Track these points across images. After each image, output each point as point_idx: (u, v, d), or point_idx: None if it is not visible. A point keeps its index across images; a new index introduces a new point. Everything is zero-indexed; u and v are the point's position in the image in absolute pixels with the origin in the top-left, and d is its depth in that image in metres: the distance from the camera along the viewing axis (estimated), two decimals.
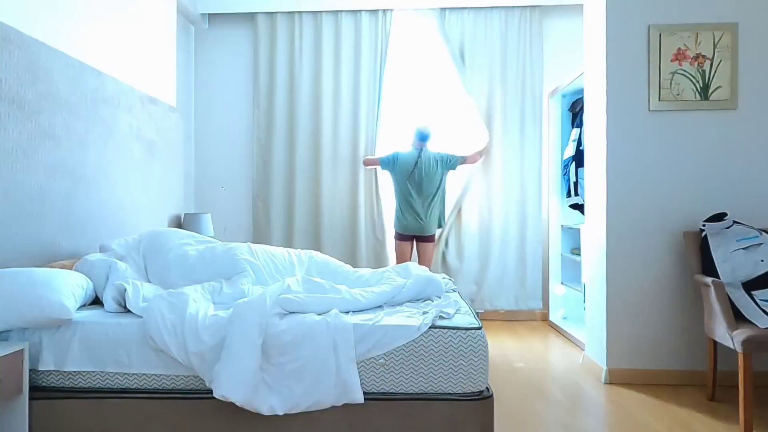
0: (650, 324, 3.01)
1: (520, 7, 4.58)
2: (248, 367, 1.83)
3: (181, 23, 4.55)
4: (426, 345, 1.92)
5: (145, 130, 3.45)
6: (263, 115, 4.69)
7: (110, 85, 3.05)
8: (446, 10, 4.62)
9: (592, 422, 2.44)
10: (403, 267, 2.76)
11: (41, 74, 2.47)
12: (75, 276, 2.16)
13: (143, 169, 3.44)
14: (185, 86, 4.68)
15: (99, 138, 2.95)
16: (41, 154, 2.48)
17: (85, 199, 2.82)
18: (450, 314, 2.07)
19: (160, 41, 3.81)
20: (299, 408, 1.86)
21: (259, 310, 1.93)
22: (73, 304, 1.99)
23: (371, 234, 4.66)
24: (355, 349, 1.90)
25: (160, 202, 3.68)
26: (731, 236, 2.71)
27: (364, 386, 1.91)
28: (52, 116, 2.56)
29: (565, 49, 4.69)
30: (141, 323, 1.98)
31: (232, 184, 4.84)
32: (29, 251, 2.40)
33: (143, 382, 1.97)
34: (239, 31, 4.84)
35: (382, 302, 2.26)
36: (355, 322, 1.96)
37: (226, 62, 4.86)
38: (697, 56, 2.98)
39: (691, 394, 2.82)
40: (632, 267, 3.02)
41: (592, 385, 2.97)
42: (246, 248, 2.56)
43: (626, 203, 3.02)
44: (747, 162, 2.98)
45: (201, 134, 4.87)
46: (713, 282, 2.53)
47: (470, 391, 1.92)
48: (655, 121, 3.02)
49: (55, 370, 1.96)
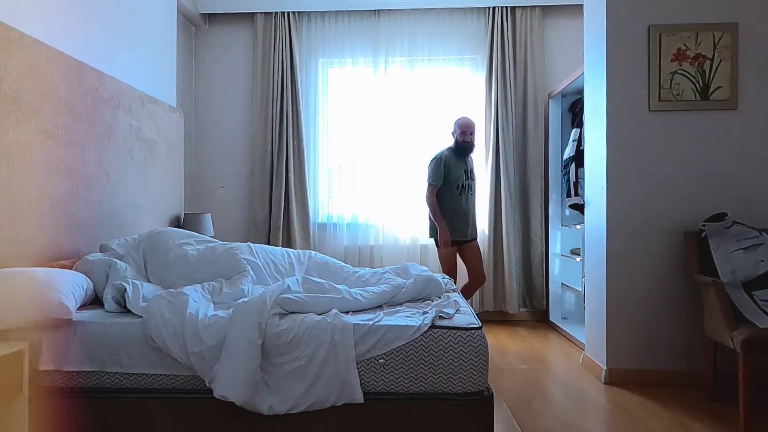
0: (650, 324, 3.01)
1: (521, 7, 4.59)
2: (248, 367, 1.83)
3: (181, 23, 4.55)
4: (426, 345, 1.92)
5: (145, 130, 3.45)
6: (263, 115, 4.69)
7: (110, 85, 3.05)
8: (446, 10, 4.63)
9: (592, 422, 2.44)
10: (402, 267, 2.76)
11: (41, 74, 2.47)
12: (75, 276, 2.16)
13: (143, 169, 3.44)
14: (185, 86, 4.68)
15: (99, 138, 2.95)
16: (41, 154, 2.48)
17: (85, 199, 2.82)
18: (450, 314, 2.07)
19: (160, 41, 3.81)
20: (299, 408, 1.86)
21: (259, 310, 1.93)
22: (73, 304, 1.99)
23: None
24: (355, 349, 1.90)
25: (160, 202, 3.68)
26: (731, 236, 2.71)
27: (364, 386, 1.91)
28: (52, 116, 2.56)
29: (565, 49, 4.69)
30: (141, 323, 1.99)
31: (232, 184, 4.84)
32: (29, 251, 2.40)
33: (143, 382, 1.97)
34: (239, 31, 4.85)
35: (382, 302, 2.26)
36: (355, 322, 1.96)
37: (226, 62, 4.86)
38: (697, 56, 2.98)
39: (690, 395, 2.82)
40: (632, 267, 3.02)
41: (592, 385, 2.97)
42: (246, 248, 2.56)
43: (626, 203, 3.02)
44: (747, 162, 2.98)
45: (201, 134, 4.87)
46: (713, 282, 2.53)
47: (470, 391, 1.92)
48: (655, 121, 3.02)
49: (55, 370, 1.96)
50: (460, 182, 3.65)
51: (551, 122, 4.56)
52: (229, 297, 2.23)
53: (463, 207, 3.67)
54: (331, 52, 4.74)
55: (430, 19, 4.68)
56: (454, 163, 3.64)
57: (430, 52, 4.69)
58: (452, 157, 3.66)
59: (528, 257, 4.65)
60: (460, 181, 3.65)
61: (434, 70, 4.73)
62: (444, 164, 3.62)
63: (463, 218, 3.67)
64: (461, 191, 3.65)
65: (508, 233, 4.52)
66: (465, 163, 3.70)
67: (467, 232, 3.71)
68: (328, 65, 4.82)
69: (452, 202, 3.64)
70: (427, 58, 4.70)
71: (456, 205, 3.65)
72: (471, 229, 3.73)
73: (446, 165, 3.62)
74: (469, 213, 3.71)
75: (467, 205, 3.69)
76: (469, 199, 3.71)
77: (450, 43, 4.68)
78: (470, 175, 3.73)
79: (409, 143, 4.66)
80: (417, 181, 4.61)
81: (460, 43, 4.67)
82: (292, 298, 2.06)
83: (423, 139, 4.65)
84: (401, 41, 4.68)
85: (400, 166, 4.66)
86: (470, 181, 3.72)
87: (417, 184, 4.61)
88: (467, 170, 3.70)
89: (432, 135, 4.63)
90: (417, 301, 2.35)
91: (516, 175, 4.62)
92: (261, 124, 4.68)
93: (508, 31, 4.56)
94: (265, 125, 4.68)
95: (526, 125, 4.62)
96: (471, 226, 3.73)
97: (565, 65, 4.68)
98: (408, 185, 4.66)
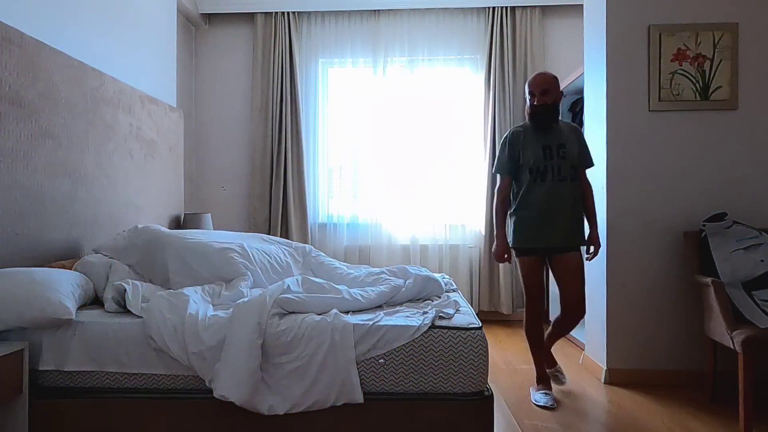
0: (650, 324, 3.01)
1: (521, 7, 4.59)
2: (248, 367, 1.83)
3: (181, 23, 4.55)
4: (426, 345, 1.92)
5: (145, 130, 3.45)
6: (263, 115, 4.69)
7: (110, 85, 3.05)
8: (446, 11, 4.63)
9: (592, 422, 2.44)
10: (399, 267, 2.72)
11: (41, 74, 2.47)
12: (75, 276, 2.16)
13: (143, 169, 3.44)
14: (185, 86, 4.68)
15: (99, 138, 2.95)
16: (41, 154, 2.48)
17: (85, 199, 2.82)
18: (450, 314, 2.07)
19: (161, 41, 3.81)
20: (299, 408, 1.86)
21: (259, 311, 1.93)
22: (73, 304, 1.99)
23: None
24: (355, 349, 1.90)
25: (160, 202, 3.68)
26: (731, 236, 2.71)
27: (364, 386, 1.91)
28: (52, 116, 2.56)
29: (565, 49, 4.69)
30: (141, 323, 1.98)
31: (232, 184, 4.84)
32: (29, 251, 2.40)
33: (143, 382, 1.97)
34: (239, 31, 4.85)
35: (381, 302, 2.26)
36: (354, 322, 1.96)
37: (226, 62, 4.86)
38: (697, 56, 2.98)
39: (691, 395, 2.82)
40: (632, 267, 3.02)
41: (592, 385, 2.97)
42: (240, 250, 2.48)
43: (626, 203, 3.02)
44: (747, 162, 2.98)
45: (201, 134, 4.87)
46: (713, 282, 2.53)
47: (470, 391, 1.92)
48: (655, 121, 3.02)
49: (55, 370, 1.96)
50: (537, 165, 2.62)
51: None
52: (228, 299, 2.22)
53: (543, 199, 2.61)
54: (331, 52, 4.74)
55: (430, 19, 4.68)
56: (529, 140, 2.65)
57: (430, 52, 4.68)
58: (528, 131, 2.68)
59: None
60: (537, 163, 2.62)
61: (434, 70, 4.73)
62: (510, 144, 2.68)
63: (545, 216, 2.61)
64: (539, 177, 2.62)
65: None
66: (548, 136, 2.65)
67: (552, 236, 2.62)
68: (328, 65, 4.82)
69: (526, 195, 2.65)
70: (427, 58, 4.70)
71: (531, 198, 2.64)
72: (562, 232, 2.62)
73: (513, 144, 2.67)
74: (556, 208, 2.61)
75: (552, 197, 2.61)
76: (558, 188, 2.60)
77: (450, 43, 4.68)
78: (558, 154, 2.61)
79: (409, 143, 4.66)
80: (417, 181, 4.62)
81: (460, 43, 4.67)
82: (292, 298, 2.05)
83: (423, 139, 4.65)
84: (401, 41, 4.68)
85: (401, 166, 4.66)
86: (558, 161, 2.61)
87: (417, 184, 4.61)
88: (551, 147, 2.62)
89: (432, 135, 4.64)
90: (417, 301, 2.35)
91: None
92: (261, 124, 4.68)
93: (507, 31, 4.56)
94: (265, 125, 4.68)
95: None
96: (562, 227, 2.62)
97: (565, 65, 4.68)
98: (408, 185, 4.65)
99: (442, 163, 4.65)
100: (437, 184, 4.65)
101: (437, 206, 4.64)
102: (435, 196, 4.64)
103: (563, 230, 2.62)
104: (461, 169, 4.65)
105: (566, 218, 2.62)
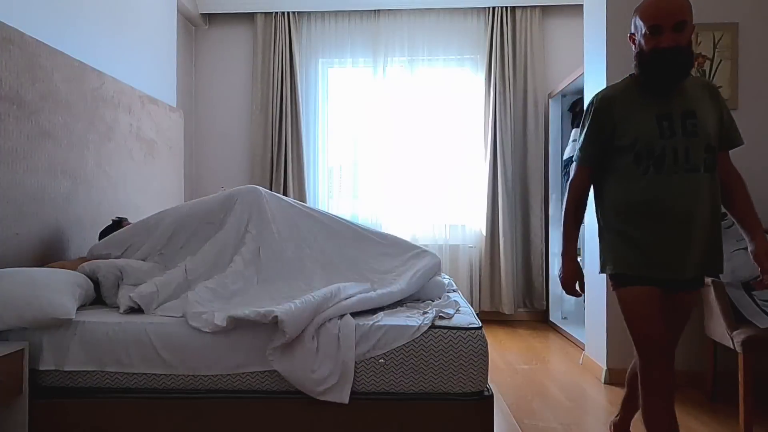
0: None
1: (521, 7, 4.59)
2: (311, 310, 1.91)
3: (181, 23, 4.55)
4: (426, 345, 1.92)
5: (145, 130, 3.45)
6: (263, 115, 4.69)
7: (110, 85, 3.05)
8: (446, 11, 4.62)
9: (592, 422, 2.44)
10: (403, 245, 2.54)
11: (41, 74, 2.47)
12: (75, 276, 2.15)
13: (143, 169, 3.44)
14: (185, 86, 4.68)
15: (99, 138, 2.95)
16: (41, 154, 2.48)
17: (85, 199, 2.82)
18: (450, 314, 2.07)
19: (160, 41, 3.81)
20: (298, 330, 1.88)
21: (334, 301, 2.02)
22: (73, 304, 1.98)
23: None
24: (355, 350, 1.90)
25: (160, 202, 3.68)
26: (731, 236, 2.71)
27: (364, 386, 1.91)
28: (52, 116, 2.56)
29: (565, 49, 4.69)
30: (141, 323, 1.98)
31: (232, 184, 4.84)
32: (29, 251, 2.40)
33: (143, 382, 1.97)
34: (239, 31, 4.85)
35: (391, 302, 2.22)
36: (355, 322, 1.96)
37: (226, 62, 4.86)
38: (697, 56, 2.98)
39: (691, 395, 2.82)
40: None
41: (592, 385, 2.97)
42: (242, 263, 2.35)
43: None
44: (747, 162, 2.98)
45: (201, 134, 4.87)
46: (713, 282, 2.53)
47: (470, 391, 1.92)
48: None
49: (55, 370, 1.96)
50: (648, 146, 1.65)
51: (551, 122, 4.56)
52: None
53: (660, 199, 1.64)
54: (331, 53, 4.74)
55: (430, 19, 4.68)
56: (632, 107, 1.69)
57: (430, 53, 4.69)
58: (630, 94, 1.72)
59: (528, 257, 4.65)
60: (648, 142, 1.65)
61: (434, 70, 4.73)
62: (597, 114, 1.73)
63: (665, 230, 1.64)
64: (651, 166, 1.65)
65: (505, 234, 4.52)
66: (666, 101, 1.67)
67: (679, 263, 1.64)
68: (328, 65, 4.83)
69: (628, 194, 1.70)
70: (427, 59, 4.70)
71: (637, 199, 1.67)
72: (695, 255, 1.64)
73: (602, 114, 1.72)
74: (683, 217, 1.62)
75: (676, 199, 1.62)
76: (686, 182, 1.62)
77: (450, 43, 4.68)
78: (684, 127, 1.63)
79: (409, 143, 4.66)
80: (417, 181, 4.62)
81: (460, 43, 4.68)
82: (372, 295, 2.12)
83: (423, 139, 4.65)
84: (401, 41, 4.69)
85: (401, 166, 4.66)
86: (685, 140, 1.63)
87: (417, 184, 4.62)
88: (671, 117, 1.65)
89: (432, 135, 4.64)
90: (417, 301, 2.35)
91: (516, 176, 4.62)
92: (261, 124, 4.69)
93: (507, 31, 4.56)
94: (265, 125, 4.68)
95: (526, 125, 4.62)
96: (696, 248, 1.64)
97: (565, 65, 4.68)
98: (408, 185, 4.66)
99: (442, 163, 4.66)
100: (437, 184, 4.65)
101: (437, 206, 4.65)
102: (435, 196, 4.65)
103: (698, 252, 1.64)
104: (461, 169, 4.65)
105: (701, 233, 1.63)
